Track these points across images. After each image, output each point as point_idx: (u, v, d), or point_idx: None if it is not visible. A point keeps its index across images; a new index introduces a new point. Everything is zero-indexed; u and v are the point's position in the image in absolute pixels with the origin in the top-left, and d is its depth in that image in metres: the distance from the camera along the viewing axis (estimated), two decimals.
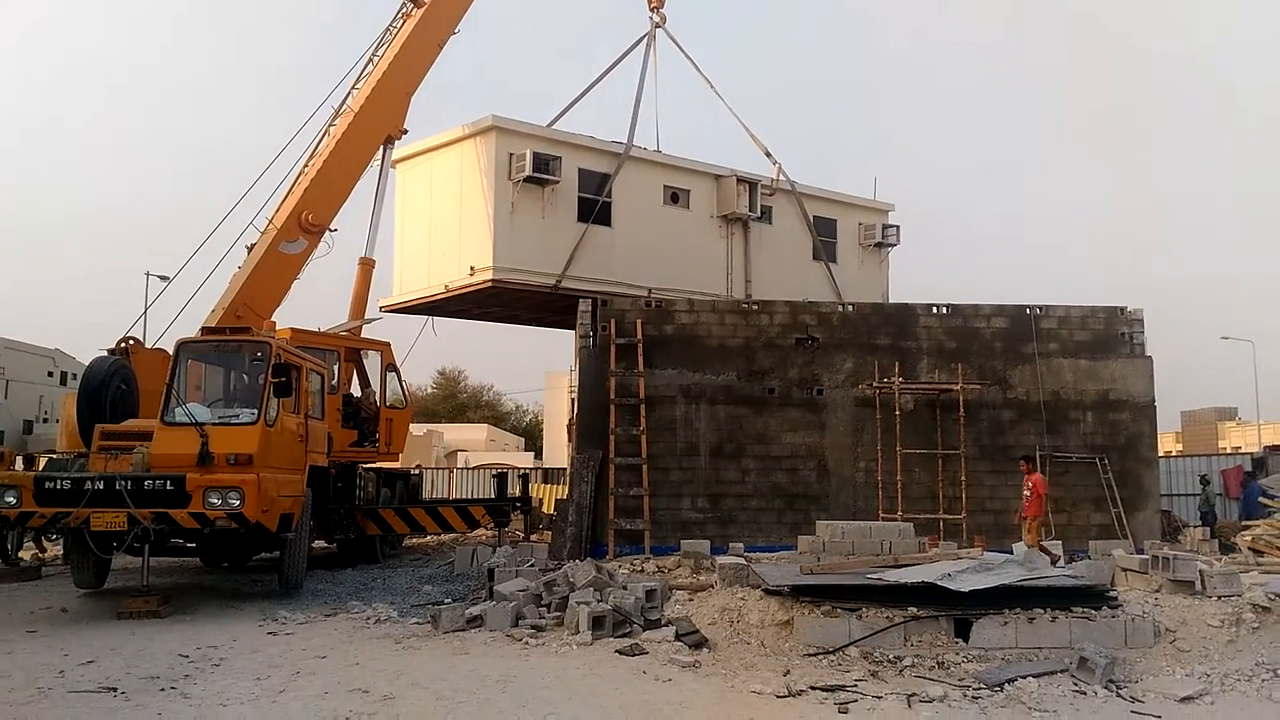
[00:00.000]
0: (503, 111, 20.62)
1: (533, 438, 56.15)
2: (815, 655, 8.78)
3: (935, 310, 17.92)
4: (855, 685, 7.93)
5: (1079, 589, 9.69)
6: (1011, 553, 12.47)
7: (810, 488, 17.18)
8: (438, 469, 32.42)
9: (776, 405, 17.34)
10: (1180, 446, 48.37)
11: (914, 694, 7.68)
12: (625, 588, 10.80)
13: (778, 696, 7.65)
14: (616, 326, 17.00)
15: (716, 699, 7.70)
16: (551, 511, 20.24)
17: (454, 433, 46.66)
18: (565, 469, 22.22)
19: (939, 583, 9.27)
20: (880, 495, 16.89)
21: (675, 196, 21.64)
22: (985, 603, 9.11)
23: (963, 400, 17.08)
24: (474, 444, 45.13)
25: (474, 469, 32.86)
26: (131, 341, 14.60)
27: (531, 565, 12.90)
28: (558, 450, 35.91)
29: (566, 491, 17.66)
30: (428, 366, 66.54)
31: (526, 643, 9.62)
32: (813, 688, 7.83)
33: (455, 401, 64.28)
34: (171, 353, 12.93)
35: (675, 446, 17.03)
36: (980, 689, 7.86)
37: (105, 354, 14.10)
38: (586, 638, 9.56)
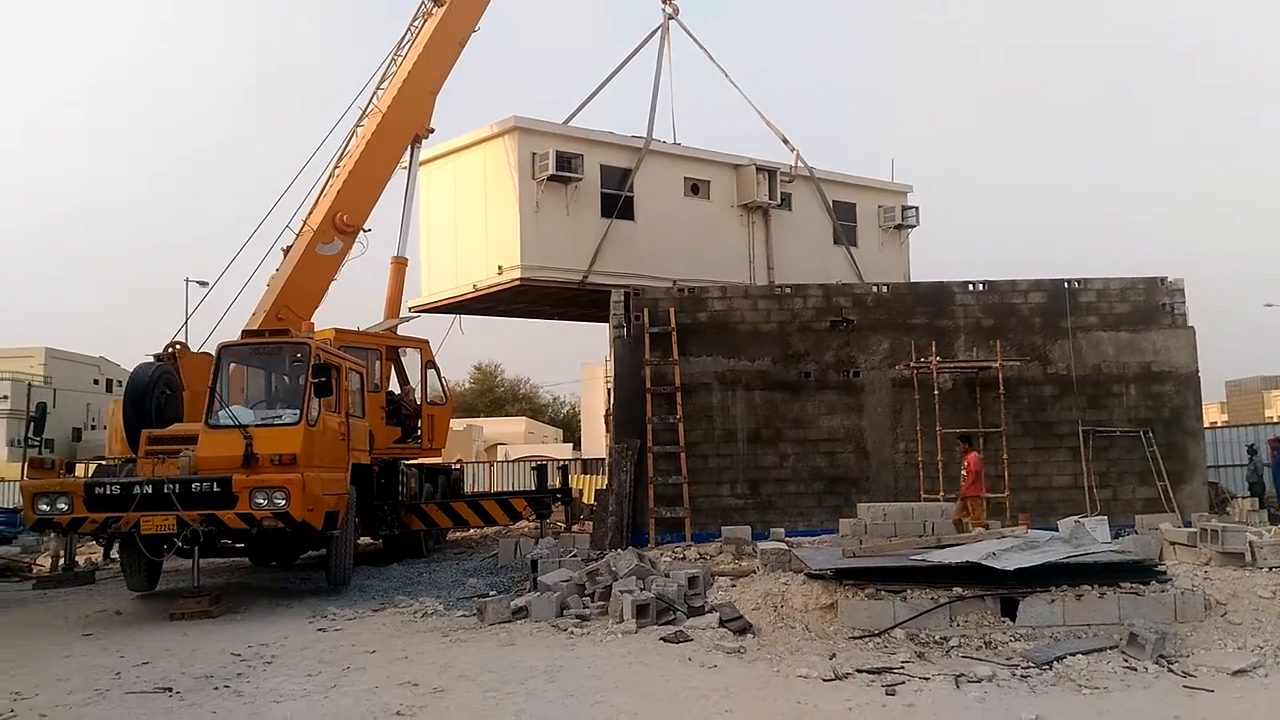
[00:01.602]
0: (519, 110, 20.70)
1: (571, 429, 56.43)
2: (860, 638, 8.76)
3: (971, 287, 17.76)
4: (902, 667, 7.90)
5: (1127, 564, 9.57)
6: (1056, 530, 12.35)
7: (850, 470, 17.12)
8: (478, 463, 32.79)
9: (813, 389, 17.28)
10: (1226, 417, 47.65)
11: (962, 674, 7.64)
12: (668, 575, 10.83)
13: (824, 680, 7.63)
14: (650, 316, 17.02)
15: (762, 684, 7.71)
16: (592, 502, 20.30)
17: (493, 426, 47.05)
18: (604, 459, 22.28)
19: (984, 562, 9.20)
20: (921, 476, 16.81)
21: (696, 188, 21.62)
22: (1031, 581, 9.02)
23: (1002, 377, 16.93)
24: (513, 437, 45.47)
25: (514, 462, 33.15)
26: (178, 346, 14.82)
27: (574, 555, 12.95)
28: (596, 441, 36.07)
29: (606, 481, 17.72)
30: (462, 362, 67.00)
31: (572, 633, 9.67)
32: (859, 670, 7.80)
33: (493, 396, 64.75)
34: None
35: (713, 433, 17.04)
36: (1029, 668, 7.79)
37: (151, 360, 14.31)
38: (631, 626, 9.59)
